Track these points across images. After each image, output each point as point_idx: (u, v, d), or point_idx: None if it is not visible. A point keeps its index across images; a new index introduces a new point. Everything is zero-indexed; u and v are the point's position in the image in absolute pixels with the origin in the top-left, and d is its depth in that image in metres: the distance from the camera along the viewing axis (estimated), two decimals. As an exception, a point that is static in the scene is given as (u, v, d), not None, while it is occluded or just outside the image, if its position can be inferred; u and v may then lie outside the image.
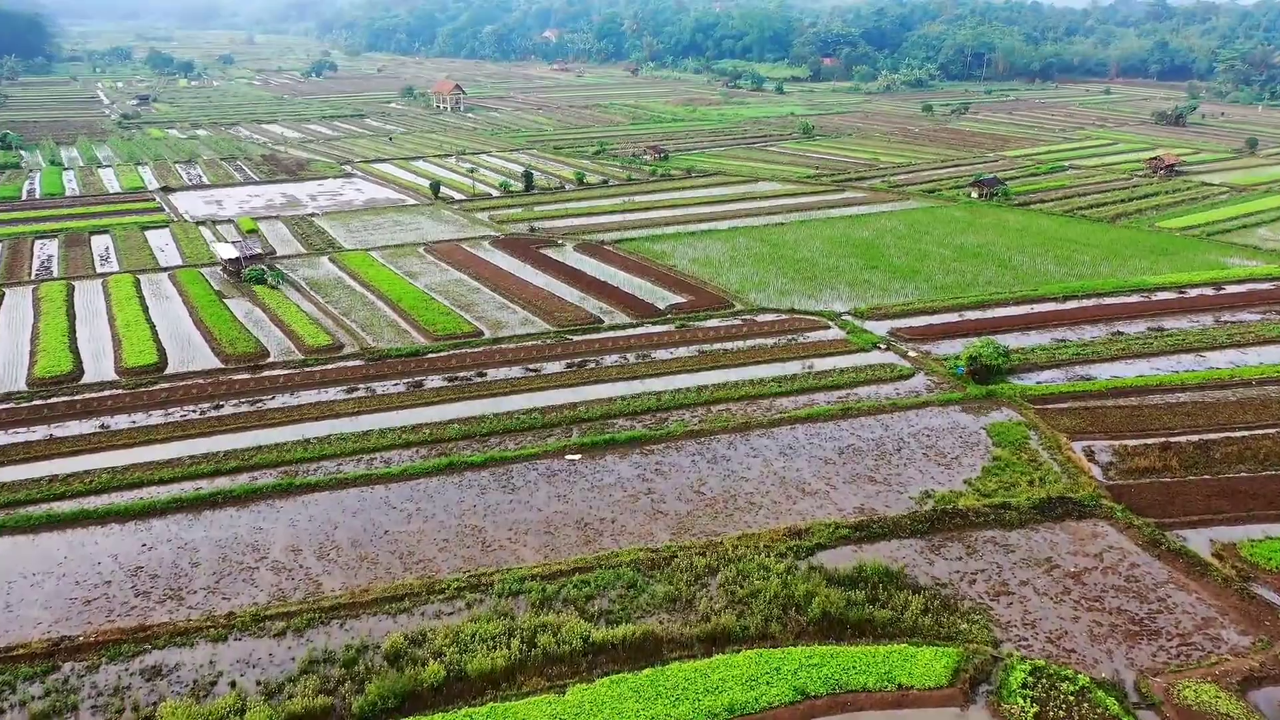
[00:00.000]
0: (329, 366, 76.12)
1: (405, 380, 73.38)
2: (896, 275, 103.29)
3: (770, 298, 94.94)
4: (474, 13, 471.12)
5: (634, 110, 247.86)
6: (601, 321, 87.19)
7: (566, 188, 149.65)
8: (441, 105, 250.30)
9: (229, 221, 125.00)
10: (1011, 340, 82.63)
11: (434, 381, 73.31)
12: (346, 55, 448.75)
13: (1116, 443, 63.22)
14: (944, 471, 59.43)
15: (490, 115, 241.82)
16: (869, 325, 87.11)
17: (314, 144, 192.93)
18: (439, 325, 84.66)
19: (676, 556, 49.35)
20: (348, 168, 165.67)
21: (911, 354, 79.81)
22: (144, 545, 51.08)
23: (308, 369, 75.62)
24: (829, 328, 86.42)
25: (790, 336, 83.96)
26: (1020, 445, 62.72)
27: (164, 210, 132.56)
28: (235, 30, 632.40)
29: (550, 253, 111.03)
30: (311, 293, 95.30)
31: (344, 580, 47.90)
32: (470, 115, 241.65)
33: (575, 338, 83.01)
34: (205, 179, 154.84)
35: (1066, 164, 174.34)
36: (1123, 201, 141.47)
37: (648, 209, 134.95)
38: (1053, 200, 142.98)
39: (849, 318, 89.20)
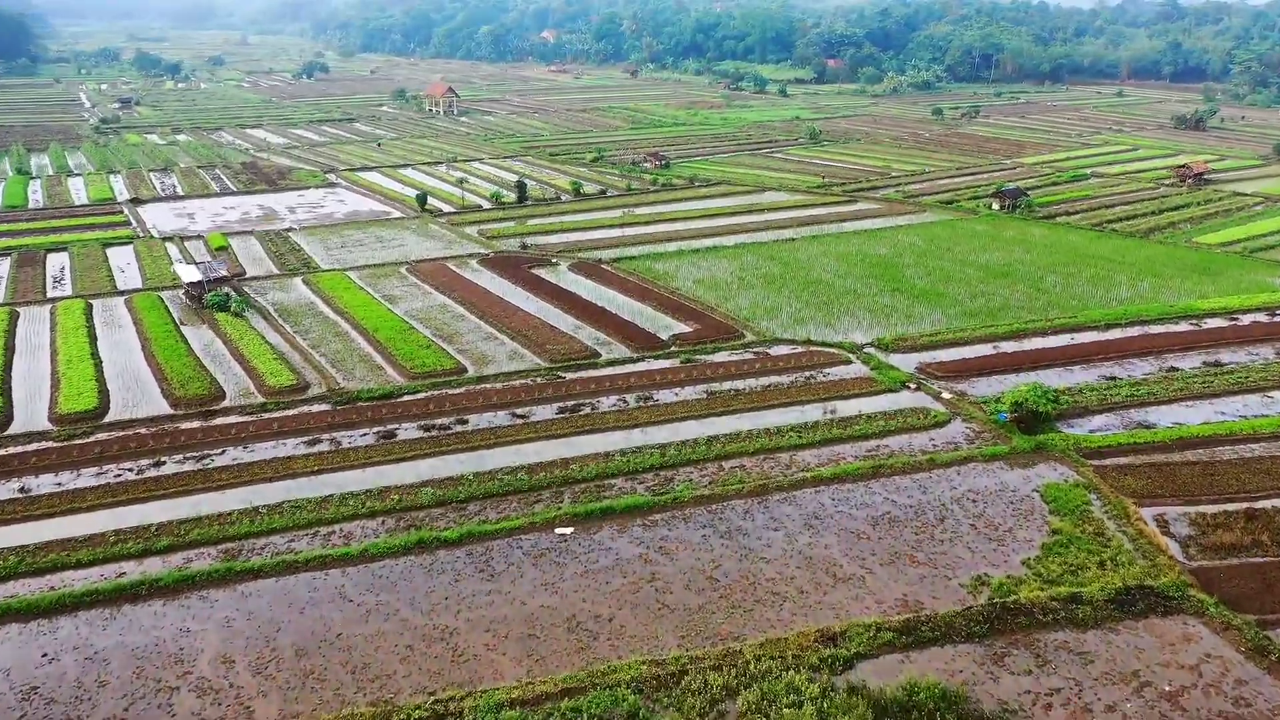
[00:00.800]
0: (290, 412, 67.53)
1: (375, 429, 64.81)
2: (919, 299, 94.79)
3: (784, 325, 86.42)
4: (470, 13, 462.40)
5: (633, 114, 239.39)
6: (598, 355, 78.65)
7: (562, 198, 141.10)
8: (434, 109, 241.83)
9: (198, 237, 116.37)
10: (1054, 378, 74.11)
11: (408, 431, 64.74)
12: (340, 56, 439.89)
13: (1192, 509, 54.68)
14: (997, 549, 50.85)
15: (484, 119, 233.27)
16: (894, 359, 78.57)
17: (298, 150, 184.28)
18: (417, 360, 76.07)
19: (687, 673, 40.75)
20: (331, 176, 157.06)
21: (945, 395, 71.25)
22: (45, 656, 42.48)
23: (266, 415, 67.05)
24: (850, 362, 77.89)
25: (808, 373, 75.41)
26: (1082, 514, 54.12)
27: (131, 224, 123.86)
28: (230, 31, 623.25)
29: (543, 273, 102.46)
30: (280, 321, 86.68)
31: (281, 707, 39.29)
32: (464, 119, 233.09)
33: (569, 375, 74.47)
34: (180, 189, 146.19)
35: (1088, 172, 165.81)
36: (1154, 214, 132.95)
37: (648, 222, 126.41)
38: (1079, 212, 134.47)
39: (872, 350, 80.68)
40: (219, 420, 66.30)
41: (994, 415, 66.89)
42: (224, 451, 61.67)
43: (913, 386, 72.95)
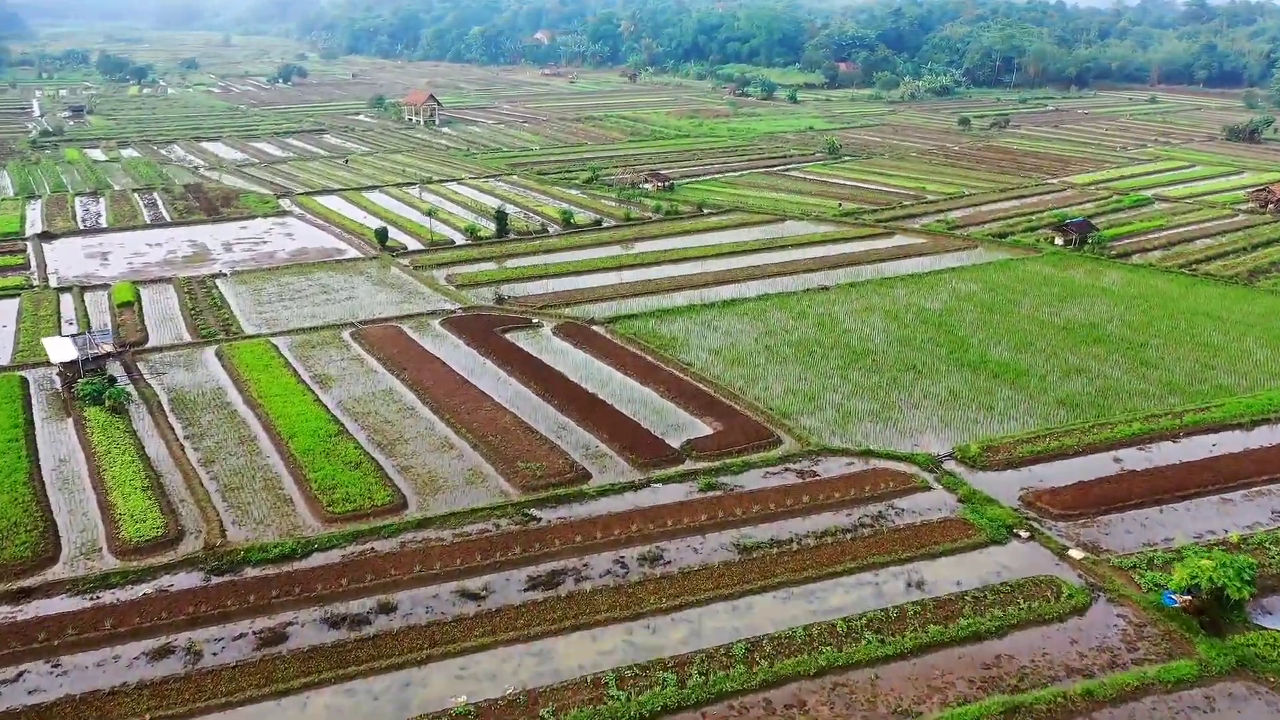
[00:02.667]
0: (141, 591, 47.02)
1: (257, 627, 44.36)
2: (998, 376, 74.42)
3: (831, 423, 66.08)
4: (461, 13, 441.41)
5: (632, 124, 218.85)
6: (588, 476, 58.27)
7: (550, 230, 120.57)
8: (414, 118, 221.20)
9: (104, 287, 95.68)
10: (1210, 514, 53.93)
11: (304, 630, 44.24)
12: (322, 59, 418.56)
13: None
14: None
15: (469, 130, 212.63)
16: (987, 480, 58.26)
17: (255, 168, 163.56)
18: (340, 491, 55.60)
19: None
20: (285, 202, 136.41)
21: (1074, 552, 50.83)
22: None
23: (103, 597, 46.56)
24: (928, 487, 57.52)
25: (875, 508, 55.03)
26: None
27: (29, 268, 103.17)
28: (215, 31, 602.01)
29: (522, 339, 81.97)
30: (171, 419, 66.17)
31: None
32: (446, 130, 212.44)
33: (546, 515, 54.04)
34: (104, 219, 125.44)
35: (1150, 195, 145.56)
36: (1246, 251, 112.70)
37: (652, 263, 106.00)
38: (1156, 248, 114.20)
39: (953, 464, 60.39)
40: (36, 604, 45.87)
41: (1153, 592, 46.59)
42: (20, 677, 41.18)
43: (1024, 535, 52.52)
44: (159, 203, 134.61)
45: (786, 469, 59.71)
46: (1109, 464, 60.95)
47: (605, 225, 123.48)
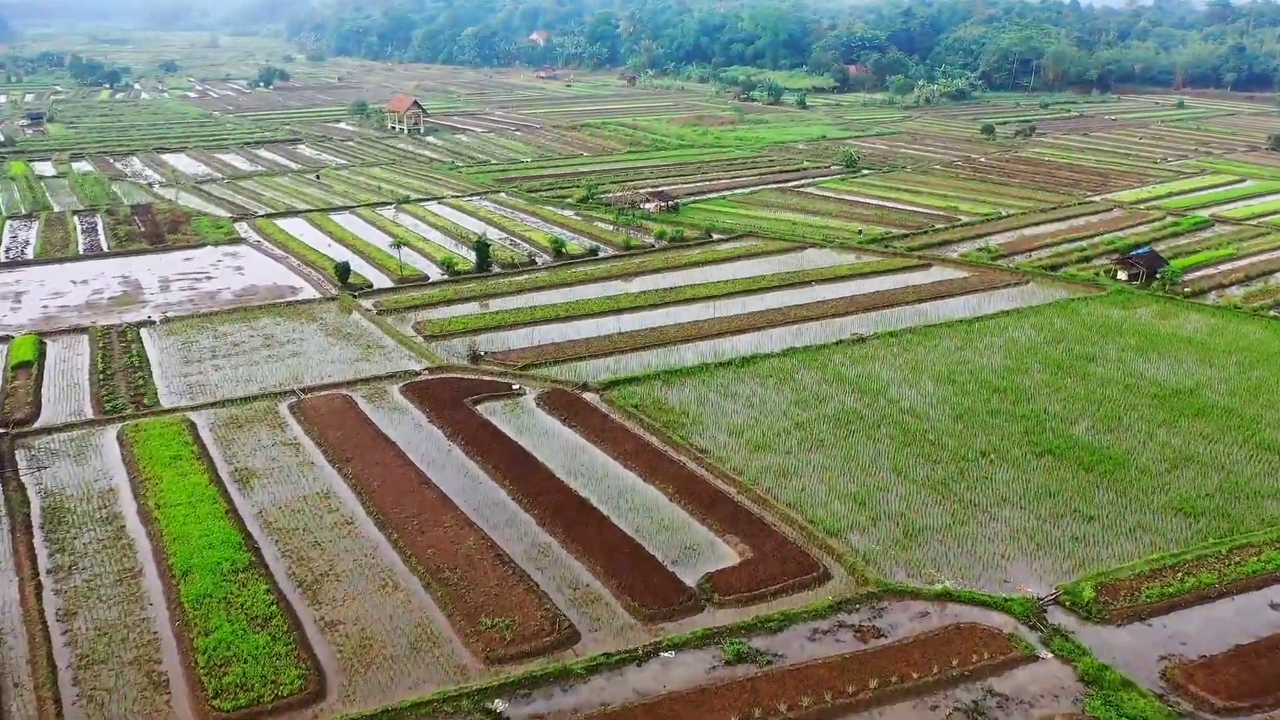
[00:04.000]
0: None
1: None
2: (1089, 467, 59.54)
3: (890, 542, 51.18)
4: (454, 13, 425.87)
5: (631, 133, 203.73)
6: (574, 638, 43.35)
7: (539, 262, 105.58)
8: (397, 126, 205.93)
9: (4, 340, 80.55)
10: None
11: None
12: (309, 61, 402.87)
13: None
14: None
15: (456, 139, 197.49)
16: (1109, 641, 43.42)
17: (216, 185, 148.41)
18: (235, 670, 40.52)
19: None
20: (242, 226, 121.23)
21: (1263, 782, 36.00)
22: None
23: None
24: (1035, 655, 42.57)
25: (966, 694, 40.11)
26: None
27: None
28: (203, 31, 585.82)
29: (499, 414, 66.95)
30: (35, 540, 51.11)
31: None
32: (431, 139, 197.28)
33: (514, 712, 39.08)
34: (31, 249, 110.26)
35: (1208, 215, 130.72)
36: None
37: (655, 304, 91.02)
38: (1234, 284, 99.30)
39: (1059, 612, 45.50)
40: None
41: None
42: None
43: (1185, 748, 37.71)
44: (99, 228, 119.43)
45: (840, 624, 44.72)
46: (1267, 612, 46.09)
47: (602, 256, 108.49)
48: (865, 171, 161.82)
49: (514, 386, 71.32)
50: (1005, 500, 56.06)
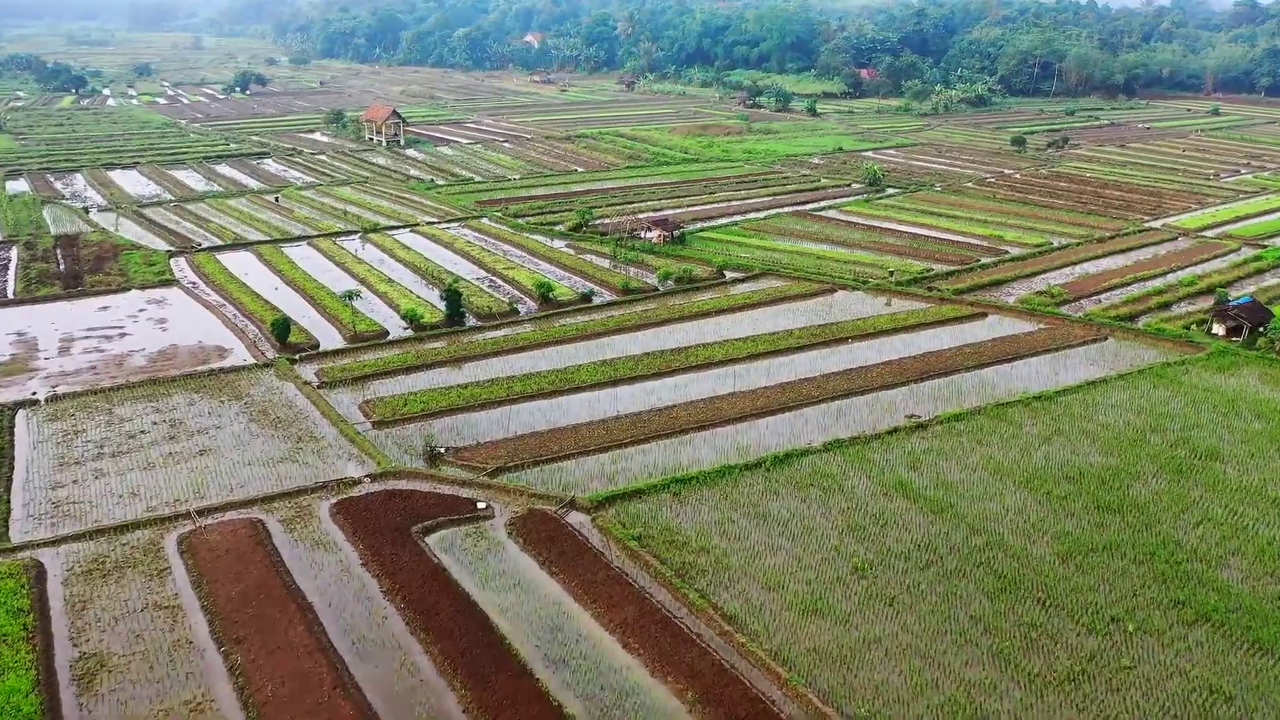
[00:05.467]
0: None
1: None
2: (1265, 648, 43.09)
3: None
4: (445, 14, 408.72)
5: (630, 145, 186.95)
6: None
7: (521, 311, 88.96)
8: (375, 138, 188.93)
9: None
10: None
11: None
12: (292, 64, 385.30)
13: None
14: None
15: (438, 152, 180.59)
16: None
17: (163, 207, 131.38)
18: None
19: None
20: (178, 264, 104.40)
21: None
22: None
23: None
24: None
25: None
26: None
27: None
28: (188, 32, 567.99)
29: (455, 554, 50.20)
30: None
31: None
32: (411, 152, 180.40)
33: None
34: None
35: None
36: None
37: (660, 371, 74.42)
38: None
39: None
40: None
41: None
42: None
43: None
44: (11, 264, 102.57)
45: None
46: None
47: (597, 302, 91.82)
48: (890, 191, 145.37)
49: (479, 505, 54.72)
50: (1166, 711, 39.50)
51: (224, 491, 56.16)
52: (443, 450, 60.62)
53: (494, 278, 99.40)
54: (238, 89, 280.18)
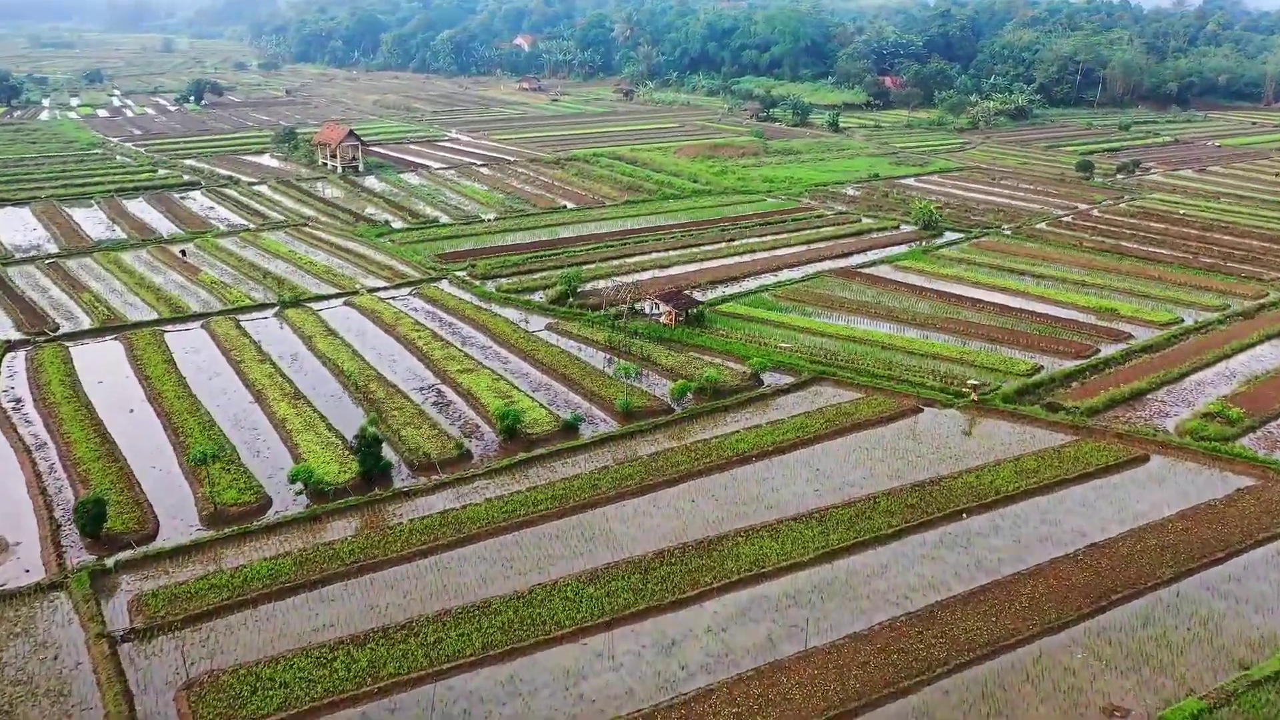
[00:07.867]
0: None
1: None
2: None
3: None
4: (429, 14, 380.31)
5: (629, 171, 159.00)
6: None
7: (474, 454, 61.29)
8: (329, 163, 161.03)
9: None
10: None
11: None
12: (261, 70, 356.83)
13: None
14: None
15: (402, 181, 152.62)
16: None
17: (33, 265, 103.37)
18: None
19: None
20: (14, 361, 76.67)
21: None
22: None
23: None
24: None
25: None
26: None
27: None
28: (164, 34, 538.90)
29: None
30: None
31: None
32: (370, 181, 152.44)
33: None
34: None
35: None
36: None
37: (680, 598, 46.62)
38: None
39: None
40: None
41: None
42: None
43: None
44: None
45: None
46: None
47: (585, 436, 63.98)
48: (949, 236, 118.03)
49: None
50: None
51: None
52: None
53: (443, 386, 71.74)
54: (191, 99, 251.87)
